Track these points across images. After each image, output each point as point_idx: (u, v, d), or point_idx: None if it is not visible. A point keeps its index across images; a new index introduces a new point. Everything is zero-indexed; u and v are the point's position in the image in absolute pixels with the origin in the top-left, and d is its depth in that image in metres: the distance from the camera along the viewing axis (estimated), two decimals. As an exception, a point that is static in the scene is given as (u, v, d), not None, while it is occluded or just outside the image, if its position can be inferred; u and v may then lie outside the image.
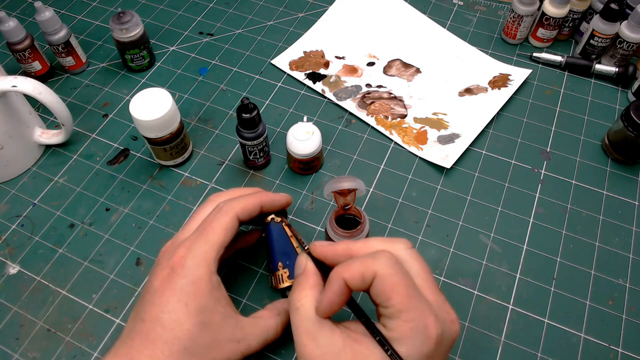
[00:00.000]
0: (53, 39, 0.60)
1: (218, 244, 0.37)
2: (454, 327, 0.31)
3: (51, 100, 0.50)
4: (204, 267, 0.36)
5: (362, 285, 0.31)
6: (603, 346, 0.44)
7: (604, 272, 0.48)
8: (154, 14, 0.71)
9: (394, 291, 0.29)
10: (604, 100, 0.61)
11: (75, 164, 0.56)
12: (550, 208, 0.52)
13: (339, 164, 0.55)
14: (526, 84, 0.62)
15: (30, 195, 0.54)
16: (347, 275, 0.31)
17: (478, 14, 0.71)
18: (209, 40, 0.68)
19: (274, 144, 0.57)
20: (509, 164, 0.55)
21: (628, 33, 0.58)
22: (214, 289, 0.36)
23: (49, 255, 0.49)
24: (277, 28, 0.69)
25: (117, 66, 0.65)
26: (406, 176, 0.54)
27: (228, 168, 0.55)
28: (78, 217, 0.52)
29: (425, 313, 0.29)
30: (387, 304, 0.30)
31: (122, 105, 0.61)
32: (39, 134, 0.56)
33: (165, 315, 0.34)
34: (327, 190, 0.41)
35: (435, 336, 0.29)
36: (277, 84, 0.63)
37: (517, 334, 0.44)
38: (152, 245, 0.50)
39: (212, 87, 0.63)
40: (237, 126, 0.50)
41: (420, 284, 0.31)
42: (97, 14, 0.72)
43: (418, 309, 0.29)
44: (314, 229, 0.51)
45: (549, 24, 0.63)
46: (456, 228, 0.51)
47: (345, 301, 0.32)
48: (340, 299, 0.31)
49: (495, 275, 0.48)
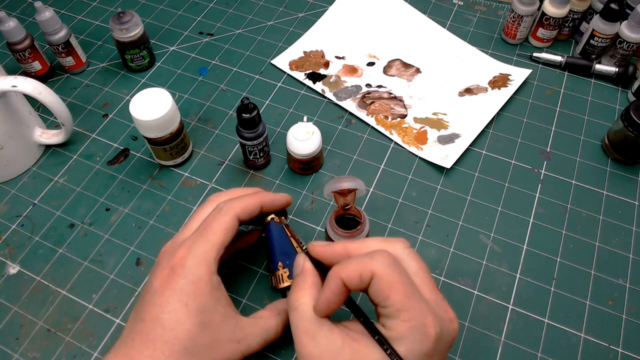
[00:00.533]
0: (53, 39, 0.60)
1: (218, 244, 0.37)
2: (452, 325, 0.31)
3: (51, 100, 0.50)
4: (204, 267, 0.36)
5: (359, 285, 0.31)
6: (603, 346, 0.44)
7: (604, 272, 0.48)
8: (154, 14, 0.71)
9: (392, 290, 0.29)
10: (604, 100, 0.61)
11: (75, 164, 0.56)
12: (550, 208, 0.52)
13: (339, 164, 0.55)
14: (526, 84, 0.62)
15: (30, 195, 0.54)
16: (344, 275, 0.31)
17: (478, 14, 0.71)
18: (209, 40, 0.68)
19: (274, 144, 0.57)
20: (509, 164, 0.55)
21: (628, 33, 0.58)
22: (214, 289, 0.36)
23: (49, 255, 0.49)
24: (277, 28, 0.69)
25: (117, 66, 0.65)
26: (406, 176, 0.54)
27: (228, 168, 0.55)
28: (78, 217, 0.52)
29: (424, 312, 0.29)
30: (386, 303, 0.30)
31: (122, 105, 0.61)
32: (39, 134, 0.56)
33: (166, 315, 0.34)
34: (327, 190, 0.41)
35: (434, 335, 0.29)
36: (277, 84, 0.63)
37: (517, 334, 0.44)
38: (152, 246, 0.50)
39: (212, 87, 0.63)
40: (237, 126, 0.50)
41: (418, 282, 0.31)
42: (97, 14, 0.72)
43: (416, 308, 0.29)
44: (314, 229, 0.51)
45: (549, 24, 0.63)
46: (456, 228, 0.51)
47: (342, 301, 0.32)
48: (338, 299, 0.31)
49: (495, 275, 0.48)
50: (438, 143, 0.56)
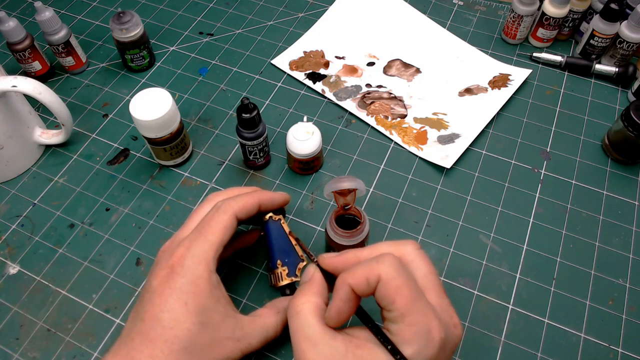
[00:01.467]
0: (53, 39, 0.60)
1: (217, 243, 0.37)
2: (456, 331, 0.31)
3: (51, 100, 0.50)
4: (203, 266, 0.36)
5: (368, 290, 0.30)
6: (603, 346, 0.44)
7: (604, 272, 0.48)
8: (154, 14, 0.71)
9: (398, 294, 0.29)
10: (604, 100, 0.61)
11: (75, 164, 0.56)
12: (550, 208, 0.52)
13: (339, 164, 0.55)
14: (526, 84, 0.62)
15: (30, 195, 0.54)
16: (352, 281, 0.31)
17: (478, 14, 0.71)
18: (209, 40, 0.68)
19: (274, 144, 0.57)
20: (509, 164, 0.55)
21: (628, 33, 0.58)
22: (214, 288, 0.36)
23: (49, 255, 0.49)
24: (277, 28, 0.69)
25: (117, 66, 0.65)
26: (406, 176, 0.54)
27: (228, 168, 0.55)
28: (78, 217, 0.52)
29: (429, 317, 0.29)
30: (391, 307, 0.29)
31: (122, 105, 0.61)
32: (39, 134, 0.56)
33: (165, 314, 0.34)
34: (327, 190, 0.41)
35: (439, 340, 0.29)
36: (277, 84, 0.63)
37: (517, 334, 0.44)
38: (152, 245, 0.50)
39: (212, 87, 0.63)
40: (237, 126, 0.50)
41: (426, 286, 0.31)
42: (97, 14, 0.72)
43: (422, 313, 0.29)
44: (314, 229, 0.51)
45: (549, 24, 0.63)
46: (456, 228, 0.51)
47: (353, 308, 0.31)
48: (348, 306, 0.31)
49: (495, 275, 0.48)
50: (438, 143, 0.56)
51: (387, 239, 0.50)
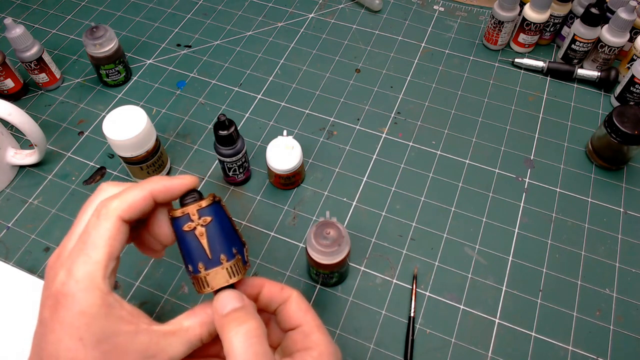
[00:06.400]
0: (25, 55, 0.58)
1: (104, 260, 0.31)
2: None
3: (22, 120, 0.49)
4: (92, 291, 0.31)
5: (269, 300, 0.34)
6: (591, 359, 0.43)
7: (591, 282, 0.47)
8: (130, 26, 0.70)
9: (309, 313, 0.33)
10: (587, 105, 0.60)
11: (50, 185, 0.54)
12: (535, 217, 0.51)
13: (321, 177, 0.54)
14: (509, 90, 0.61)
15: (4, 218, 0.52)
16: (267, 284, 0.34)
17: (459, 19, 0.70)
18: (186, 52, 0.67)
19: (255, 158, 0.56)
20: (493, 173, 0.54)
21: (609, 37, 0.58)
22: (112, 310, 0.31)
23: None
24: (256, 38, 0.68)
25: (92, 81, 0.64)
26: (389, 188, 0.53)
27: (208, 184, 0.54)
28: (54, 240, 0.50)
29: (330, 340, 0.33)
30: (304, 319, 0.33)
31: (98, 122, 0.60)
32: (12, 154, 0.54)
33: (62, 353, 0.30)
34: (310, 249, 0.42)
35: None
36: (257, 96, 0.62)
37: (504, 348, 0.44)
38: (131, 268, 0.48)
39: (190, 100, 0.61)
40: (214, 143, 0.49)
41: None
42: (71, 27, 0.70)
43: (326, 334, 0.33)
44: (296, 246, 0.49)
45: (530, 29, 0.62)
46: (441, 240, 0.50)
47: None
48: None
49: (481, 288, 0.47)
50: None
51: (371, 253, 0.49)
